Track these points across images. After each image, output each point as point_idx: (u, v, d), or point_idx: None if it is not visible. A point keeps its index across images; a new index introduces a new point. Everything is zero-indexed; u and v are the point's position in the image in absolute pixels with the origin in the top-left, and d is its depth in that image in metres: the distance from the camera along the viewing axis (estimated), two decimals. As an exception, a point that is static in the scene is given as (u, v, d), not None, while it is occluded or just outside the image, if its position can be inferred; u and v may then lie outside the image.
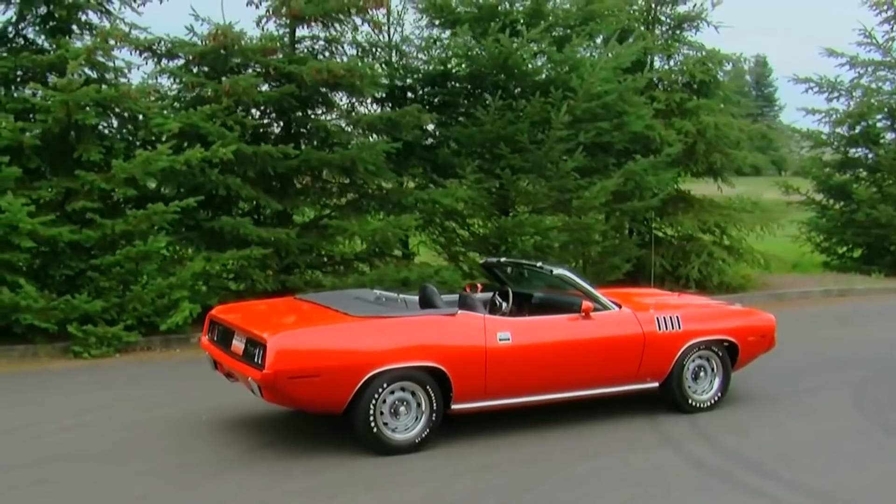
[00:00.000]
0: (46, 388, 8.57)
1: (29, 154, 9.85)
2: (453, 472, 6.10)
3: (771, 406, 7.74)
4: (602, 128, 12.16)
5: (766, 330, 7.85)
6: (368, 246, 11.98)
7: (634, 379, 7.23)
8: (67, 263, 9.98)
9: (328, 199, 12.05)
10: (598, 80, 11.63)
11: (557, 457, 6.40)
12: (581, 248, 12.55)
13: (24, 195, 9.64)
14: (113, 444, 6.69)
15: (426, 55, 12.75)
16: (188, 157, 10.07)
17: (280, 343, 6.14)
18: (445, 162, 12.33)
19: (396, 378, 6.35)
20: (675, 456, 6.41)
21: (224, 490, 5.77)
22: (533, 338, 6.83)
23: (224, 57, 11.10)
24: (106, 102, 9.94)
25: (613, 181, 12.05)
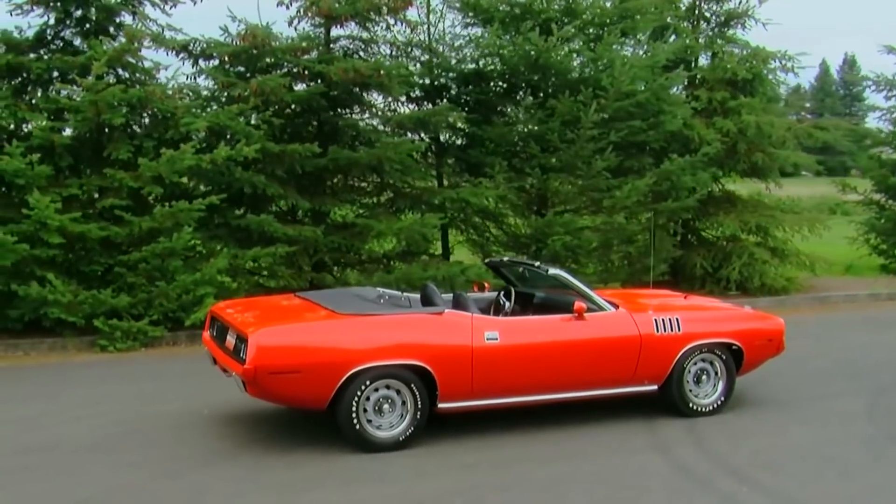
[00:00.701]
0: (65, 381, 8.80)
1: (61, 152, 10.14)
2: (431, 470, 6.09)
3: (779, 411, 7.54)
4: (635, 127, 11.98)
5: (773, 334, 7.65)
6: (397, 245, 12.04)
7: (631, 382, 7.11)
8: (97, 259, 10.24)
9: (358, 198, 12.12)
10: (627, 78, 11.45)
11: (540, 458, 6.34)
12: (615, 249, 12.39)
13: (55, 192, 9.94)
14: (109, 436, 6.84)
15: (460, 54, 12.72)
16: (214, 155, 10.25)
17: (261, 339, 6.22)
18: (478, 161, 12.30)
19: (380, 376, 6.37)
20: (661, 460, 6.29)
21: (200, 482, 5.86)
22: (522, 338, 6.77)
23: (254, 57, 11.25)
24: (134, 102, 10.16)
25: (645, 181, 11.86)
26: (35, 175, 9.71)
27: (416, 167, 11.64)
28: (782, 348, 7.76)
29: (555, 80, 12.01)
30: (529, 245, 12.18)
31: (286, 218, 11.46)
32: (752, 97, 13.64)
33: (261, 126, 10.87)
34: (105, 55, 9.84)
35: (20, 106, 10.17)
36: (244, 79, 11.12)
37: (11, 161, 9.56)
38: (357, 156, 11.06)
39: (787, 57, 13.72)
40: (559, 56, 11.70)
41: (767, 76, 13.55)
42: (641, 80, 11.77)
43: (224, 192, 10.90)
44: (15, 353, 9.81)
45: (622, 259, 12.95)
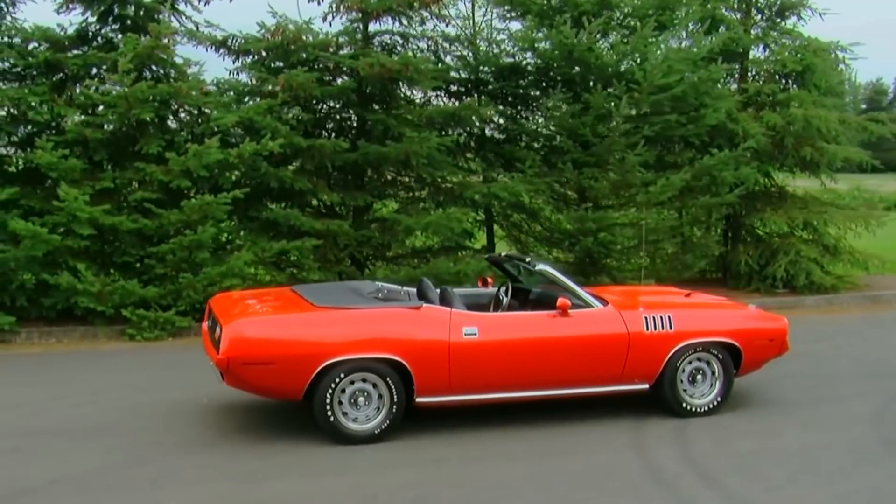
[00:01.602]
0: (86, 368, 9.07)
1: (95, 146, 10.45)
2: (398, 464, 6.09)
3: (780, 413, 7.30)
4: (670, 121, 11.72)
5: (774, 333, 7.40)
6: (427, 239, 12.05)
7: (619, 380, 6.97)
8: (129, 251, 10.53)
9: (391, 193, 12.16)
10: (660, 71, 11.19)
11: (513, 455, 6.28)
12: (658, 246, 12.17)
13: (88, 185, 10.27)
14: (103, 421, 7.04)
15: (498, 48, 12.65)
16: (241, 150, 10.43)
17: (234, 330, 6.33)
18: (514, 155, 12.21)
19: (355, 369, 6.40)
20: (636, 460, 6.16)
21: (168, 468, 5.99)
22: (501, 334, 6.71)
23: (288, 52, 11.38)
24: (163, 98, 10.41)
25: (679, 176, 11.58)
26: (67, 168, 10.05)
27: (445, 162, 11.61)
28: (785, 348, 7.50)
29: (589, 74, 11.82)
30: (562, 241, 12.06)
31: (318, 212, 11.55)
32: (804, 90, 13.18)
33: (290, 121, 11.01)
34: (130, 52, 10.09)
35: (57, 101, 10.51)
36: (276, 74, 11.26)
37: (44, 155, 9.90)
38: (386, 150, 11.10)
39: (841, 48, 13.21)
40: (593, 49, 11.51)
41: (821, 67, 13.03)
42: (678, 73, 11.47)
43: (256, 186, 11.08)
44: (48, 340, 10.17)
45: (661, 255, 12.67)
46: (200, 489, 5.66)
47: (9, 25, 10.98)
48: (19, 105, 10.31)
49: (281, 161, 11.24)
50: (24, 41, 10.87)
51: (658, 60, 11.22)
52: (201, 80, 10.78)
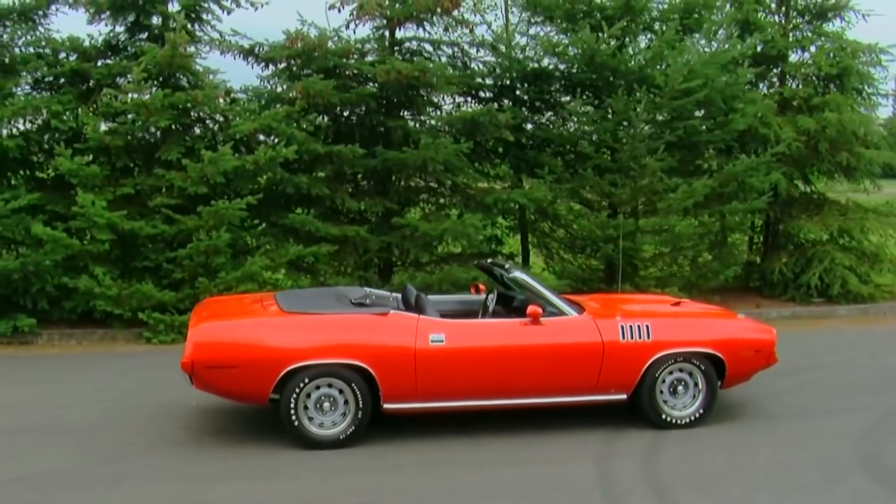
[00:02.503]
0: (92, 369, 9.30)
1: (117, 153, 10.73)
2: (354, 469, 6.12)
3: (765, 427, 7.08)
4: (694, 126, 11.48)
5: (761, 344, 7.17)
6: (453, 246, 12.01)
7: (595, 390, 6.84)
8: (148, 255, 10.76)
9: (412, 198, 12.17)
10: (680, 76, 10.96)
11: (474, 464, 6.24)
12: (674, 254, 11.94)
13: (109, 191, 10.54)
14: (85, 421, 7.20)
15: (523, 53, 12.55)
16: (256, 157, 10.58)
17: (198, 335, 6.45)
18: (537, 161, 12.11)
19: (319, 374, 6.43)
20: (594, 472, 6.06)
21: (129, 469, 6.12)
22: (469, 341, 6.66)
23: (309, 60, 11.50)
24: (181, 106, 10.61)
25: (702, 182, 11.32)
26: (87, 175, 10.33)
27: (466, 167, 11.58)
28: (773, 360, 7.26)
29: (612, 79, 11.65)
30: (585, 247, 11.92)
31: (337, 218, 11.62)
32: (842, 93, 12.76)
33: (307, 128, 11.12)
34: (144, 62, 10.33)
35: (84, 110, 10.81)
36: (296, 81, 11.39)
37: (64, 162, 10.19)
38: (404, 157, 11.12)
39: (881, 50, 12.73)
40: (615, 54, 11.35)
41: (859, 70, 12.60)
42: (703, 77, 11.21)
43: (278, 191, 11.23)
44: (68, 342, 10.45)
45: (685, 263, 12.41)
46: (154, 489, 5.76)
47: (39, 36, 11.34)
48: (45, 113, 10.60)
49: (303, 168, 11.36)
50: (55, 51, 11.21)
51: (678, 64, 10.97)
52: (217, 87, 10.93)
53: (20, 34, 11.28)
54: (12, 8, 11.22)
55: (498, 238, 13.19)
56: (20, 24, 11.33)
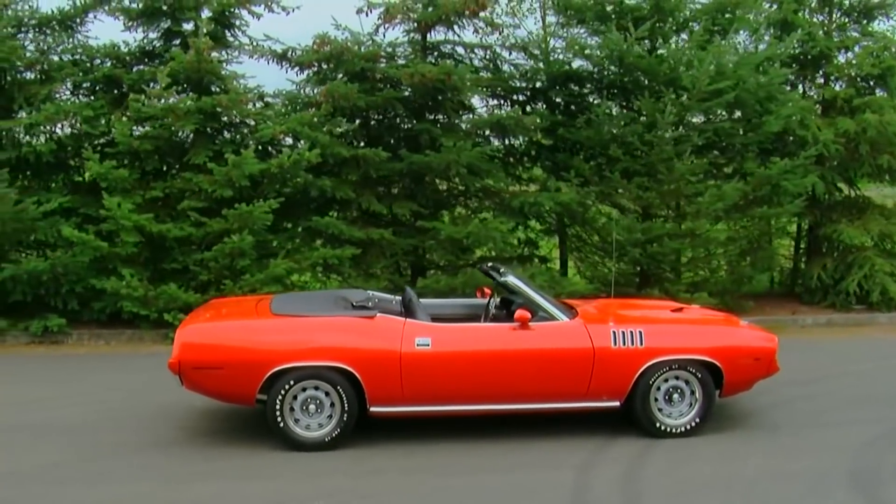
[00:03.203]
0: (114, 368, 9.48)
1: (146, 157, 10.95)
2: (331, 471, 6.14)
3: (764, 437, 6.89)
4: (724, 128, 11.25)
5: (760, 352, 6.97)
6: (481, 250, 11.97)
7: (585, 397, 6.73)
8: (176, 258, 10.96)
9: (439, 201, 12.15)
10: (707, 76, 10.73)
11: (451, 469, 6.22)
12: (707, 258, 11.70)
13: (139, 195, 10.77)
14: (83, 420, 7.34)
15: (555, 56, 12.44)
16: (280, 160, 10.70)
17: (185, 336, 6.55)
18: (566, 164, 12.00)
19: (304, 376, 6.47)
20: (571, 480, 5.96)
21: (110, 468, 6.24)
22: (455, 345, 6.61)
23: (339, 64, 11.58)
24: (206, 110, 10.78)
25: (732, 186, 11.08)
26: (116, 178, 10.56)
27: (491, 170, 11.53)
28: (774, 368, 7.06)
29: (645, 81, 11.49)
30: (610, 250, 11.75)
31: (363, 221, 11.67)
32: (887, 94, 12.35)
33: (333, 132, 11.21)
34: (170, 67, 10.54)
35: (116, 115, 11.05)
36: (323, 85, 11.48)
37: (93, 165, 10.45)
38: (428, 160, 11.12)
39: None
40: (643, 55, 11.19)
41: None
42: (733, 78, 10.97)
43: (301, 195, 11.35)
44: (97, 342, 10.69)
45: (720, 268, 12.16)
46: (131, 487, 5.86)
47: (76, 43, 11.65)
48: (78, 119, 10.89)
49: (330, 171, 11.45)
50: (90, 58, 11.51)
51: (704, 65, 10.74)
52: (242, 92, 11.05)
53: (59, 42, 11.62)
54: (52, 16, 11.57)
55: (533, 241, 13.10)
56: (59, 32, 11.68)
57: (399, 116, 11.86)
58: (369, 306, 7.22)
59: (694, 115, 11.29)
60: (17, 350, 10.39)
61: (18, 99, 11.01)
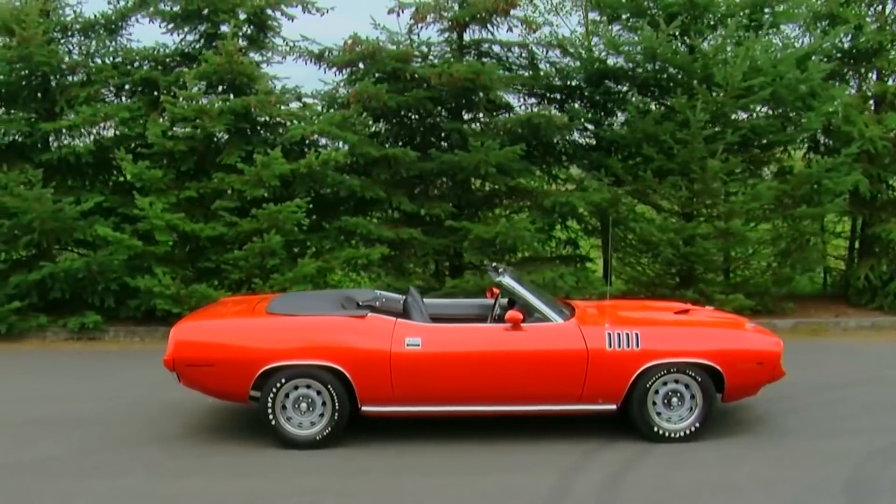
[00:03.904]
0: (141, 365, 9.59)
1: (181, 157, 11.16)
2: (317, 470, 6.20)
3: (766, 444, 6.69)
4: (759, 125, 10.94)
5: (764, 356, 6.76)
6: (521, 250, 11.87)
7: (580, 399, 6.63)
8: (210, 257, 11.15)
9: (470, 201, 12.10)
10: (739, 73, 10.45)
11: (437, 470, 6.23)
12: (739, 259, 11.41)
13: (173, 194, 10.98)
14: (98, 415, 7.56)
15: (590, 53, 12.26)
16: (308, 160, 10.79)
17: (179, 333, 6.68)
18: (600, 163, 11.84)
19: (295, 375, 6.53)
20: (551, 483, 5.88)
21: (107, 460, 6.46)
22: (446, 346, 6.59)
23: (371, 65, 11.64)
24: (237, 111, 10.93)
25: (766, 184, 10.77)
26: (150, 178, 10.79)
27: (522, 170, 11.44)
28: (779, 373, 6.84)
29: (678, 78, 11.26)
30: (646, 251, 11.56)
31: (394, 221, 11.70)
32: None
33: (363, 132, 11.26)
34: (202, 69, 10.72)
35: (153, 116, 11.28)
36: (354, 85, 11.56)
37: (128, 166, 10.70)
38: (458, 159, 11.09)
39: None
40: (677, 52, 10.97)
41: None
42: (771, 73, 10.66)
43: (332, 194, 11.44)
44: (132, 339, 10.93)
45: (760, 268, 11.83)
46: (114, 481, 6.01)
47: (118, 46, 11.95)
48: (113, 120, 11.17)
49: (361, 171, 11.51)
50: (130, 61, 11.79)
51: (737, 61, 10.47)
52: (271, 93, 11.13)
53: (102, 45, 11.94)
54: (95, 20, 11.89)
55: (573, 241, 12.94)
56: (103, 36, 12.00)
57: (431, 116, 11.84)
58: (376, 306, 7.26)
59: (734, 113, 10.97)
60: (56, 346, 10.71)
61: (60, 101, 11.33)
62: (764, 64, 10.64)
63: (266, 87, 10.98)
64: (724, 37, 10.89)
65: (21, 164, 11.23)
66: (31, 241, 10.76)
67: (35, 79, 11.38)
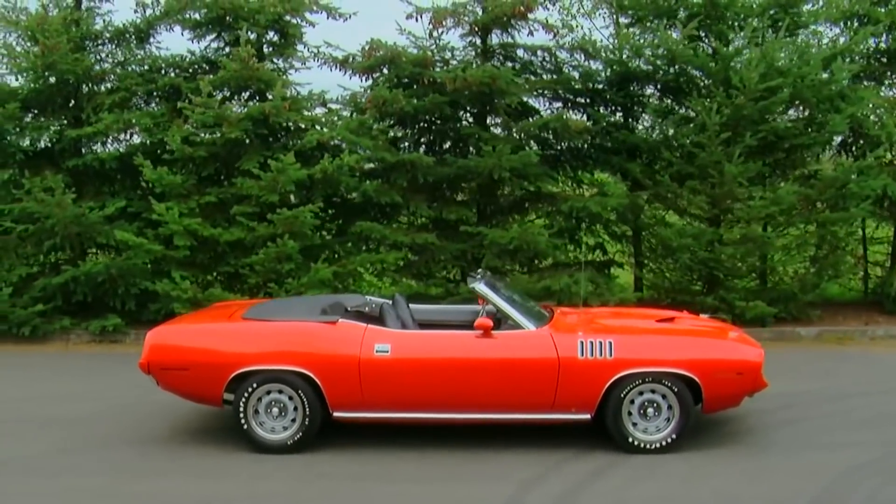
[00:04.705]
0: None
1: (200, 163, 11.35)
2: (273, 475, 6.20)
3: (745, 457, 6.48)
4: (778, 128, 10.65)
5: (743, 366, 6.56)
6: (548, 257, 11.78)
7: (551, 408, 6.52)
8: (229, 261, 11.31)
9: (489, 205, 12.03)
10: (756, 74, 10.18)
11: (395, 477, 6.20)
12: (768, 264, 11.11)
13: (194, 200, 11.17)
14: (91, 415, 7.72)
15: (614, 55, 12.09)
16: (323, 166, 10.87)
17: (154, 337, 6.80)
18: (621, 167, 11.68)
19: (267, 380, 6.58)
20: (506, 494, 5.79)
21: (84, 459, 6.62)
22: (415, 353, 6.56)
23: (393, 70, 11.67)
24: (256, 117, 11.06)
25: (787, 188, 10.46)
26: (170, 184, 11.00)
27: (539, 174, 11.33)
28: (761, 384, 6.63)
29: (699, 81, 11.04)
30: (665, 257, 11.34)
31: (410, 226, 11.71)
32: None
33: (379, 137, 11.29)
34: (220, 76, 10.90)
35: (179, 124, 11.47)
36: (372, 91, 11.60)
37: (148, 172, 10.91)
38: (473, 164, 11.06)
39: None
40: (697, 54, 10.76)
41: None
42: (792, 75, 10.37)
43: (348, 199, 11.52)
44: (152, 341, 11.15)
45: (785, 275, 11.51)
46: (82, 481, 6.14)
47: (145, 54, 12.21)
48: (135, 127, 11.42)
49: (379, 176, 11.56)
50: (156, 68, 12.03)
51: (752, 62, 10.20)
52: (287, 98, 11.22)
53: (131, 53, 12.22)
54: (125, 28, 12.17)
55: (602, 246, 12.77)
56: (132, 45, 12.28)
57: (450, 121, 11.83)
58: (365, 311, 7.29)
59: (754, 116, 10.69)
60: (79, 348, 11.00)
61: (87, 109, 11.62)
62: (784, 65, 10.36)
63: (281, 93, 11.07)
64: (744, 38, 10.62)
65: (51, 171, 11.53)
66: (53, 246, 11.06)
67: (63, 87, 11.68)
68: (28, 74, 11.57)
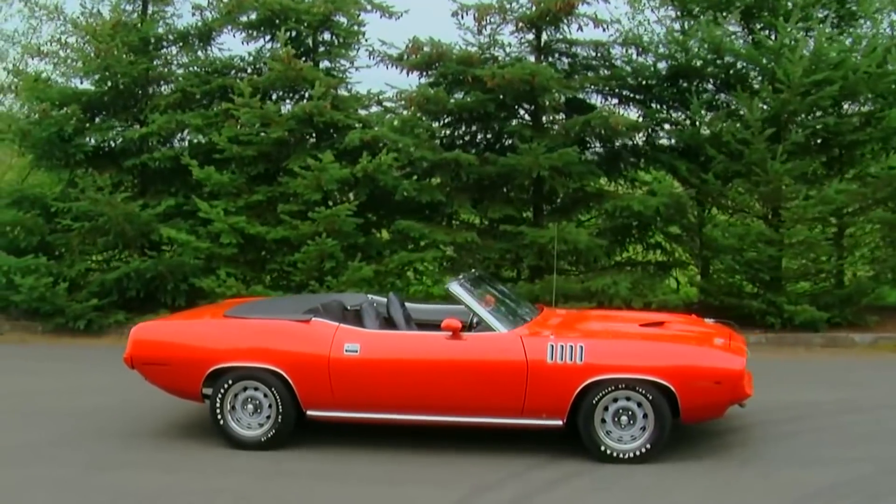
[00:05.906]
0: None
1: (249, 162, 11.60)
2: (239, 470, 6.28)
3: (721, 471, 6.15)
4: (828, 124, 10.07)
5: (722, 374, 6.22)
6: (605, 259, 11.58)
7: (521, 413, 6.37)
8: (276, 258, 11.53)
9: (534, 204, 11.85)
10: (799, 68, 9.65)
11: (354, 478, 6.16)
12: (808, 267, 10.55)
13: (242, 198, 11.44)
14: (93, 409, 7.97)
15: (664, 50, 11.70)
16: (363, 164, 10.95)
17: (137, 333, 7.00)
18: (670, 165, 11.32)
19: (241, 377, 6.68)
20: (449, 498, 5.66)
21: (63, 451, 6.78)
22: (383, 353, 6.55)
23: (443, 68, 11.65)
24: (301, 116, 11.23)
25: (836, 187, 9.88)
26: (217, 183, 11.29)
27: (583, 172, 11.10)
28: (742, 393, 6.27)
29: (747, 75, 10.58)
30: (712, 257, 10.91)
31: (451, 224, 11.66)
32: None
33: (421, 135, 11.29)
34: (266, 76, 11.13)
35: (229, 123, 11.76)
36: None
37: (196, 171, 11.24)
38: (514, 163, 10.93)
39: None
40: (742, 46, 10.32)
41: None
42: (843, 68, 9.80)
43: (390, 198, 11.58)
44: (199, 336, 11.48)
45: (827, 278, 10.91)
46: (51, 471, 6.29)
47: (204, 56, 12.58)
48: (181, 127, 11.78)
49: (423, 174, 11.56)
50: (213, 70, 12.38)
51: (796, 55, 9.68)
52: (326, 98, 11.32)
53: (191, 56, 12.61)
54: (187, 31, 12.58)
55: (662, 246, 12.40)
56: (193, 47, 12.68)
57: (494, 119, 11.71)
58: (360, 310, 7.32)
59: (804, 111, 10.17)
60: (131, 341, 11.39)
61: (146, 110, 12.05)
62: (835, 57, 9.80)
63: (319, 92, 11.18)
64: (791, 28, 10.10)
65: (113, 171, 12.02)
66: (107, 243, 11.52)
67: (124, 89, 12.15)
68: (91, 77, 12.09)
